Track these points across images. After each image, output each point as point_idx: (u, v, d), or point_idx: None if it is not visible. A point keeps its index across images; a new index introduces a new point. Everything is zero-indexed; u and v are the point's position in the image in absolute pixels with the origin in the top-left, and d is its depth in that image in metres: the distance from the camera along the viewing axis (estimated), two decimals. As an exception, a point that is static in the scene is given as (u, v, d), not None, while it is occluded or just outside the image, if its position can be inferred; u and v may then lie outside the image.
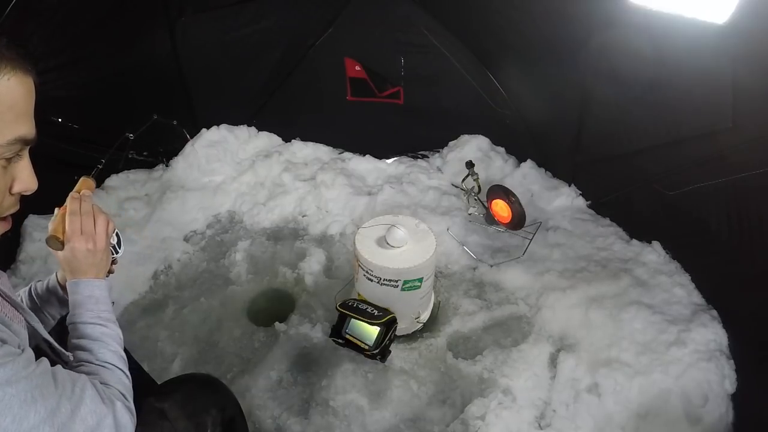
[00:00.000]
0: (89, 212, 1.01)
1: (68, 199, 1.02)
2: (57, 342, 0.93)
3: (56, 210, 1.03)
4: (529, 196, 2.60)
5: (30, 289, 1.11)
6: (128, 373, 0.96)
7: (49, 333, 0.93)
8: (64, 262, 1.01)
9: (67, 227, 0.99)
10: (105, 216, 1.04)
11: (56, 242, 0.98)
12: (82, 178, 1.06)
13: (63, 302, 1.09)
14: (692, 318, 1.93)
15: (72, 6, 2.10)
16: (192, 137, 2.87)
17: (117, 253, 1.11)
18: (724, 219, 1.83)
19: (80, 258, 0.99)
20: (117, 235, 1.10)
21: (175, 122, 2.73)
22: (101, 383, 0.87)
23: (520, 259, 2.29)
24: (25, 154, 0.79)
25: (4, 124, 0.72)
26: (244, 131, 2.99)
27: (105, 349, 0.95)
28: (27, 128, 0.76)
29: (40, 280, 1.12)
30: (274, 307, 2.21)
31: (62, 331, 1.10)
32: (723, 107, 1.69)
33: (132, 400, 0.91)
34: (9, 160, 0.76)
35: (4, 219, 0.81)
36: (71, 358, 0.93)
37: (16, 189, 0.79)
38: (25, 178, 0.79)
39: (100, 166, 1.07)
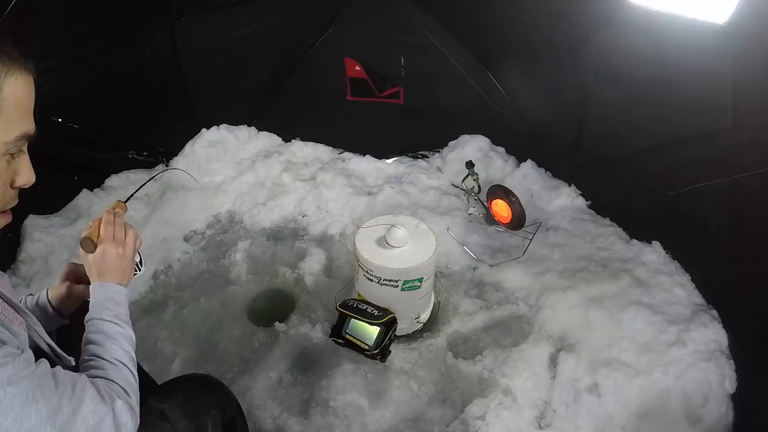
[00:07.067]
0: (122, 224, 1.10)
1: (104, 212, 1.11)
2: (58, 345, 0.93)
3: (91, 221, 1.12)
4: (529, 196, 2.60)
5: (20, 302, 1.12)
6: (136, 373, 0.97)
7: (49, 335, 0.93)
8: (93, 263, 1.06)
9: (101, 232, 1.07)
10: (135, 231, 1.12)
11: (90, 244, 1.06)
12: (116, 201, 1.18)
13: (51, 319, 1.12)
14: (692, 318, 1.93)
15: (72, 6, 2.09)
16: (192, 137, 2.87)
17: (139, 270, 1.19)
18: (724, 219, 1.83)
19: (109, 261, 1.06)
20: (139, 254, 1.18)
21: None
22: (105, 380, 0.89)
23: (520, 259, 2.29)
24: (25, 149, 0.83)
25: (11, 121, 0.77)
26: (244, 131, 2.98)
27: (117, 346, 0.97)
28: (30, 124, 0.81)
29: (30, 294, 1.15)
30: (274, 307, 2.21)
31: (63, 334, 1.10)
32: (723, 107, 1.69)
33: (137, 399, 0.92)
34: (13, 155, 0.80)
35: (4, 212, 0.85)
36: (72, 362, 0.94)
37: (18, 183, 0.83)
38: (26, 172, 0.84)
39: (133, 193, 1.13)
